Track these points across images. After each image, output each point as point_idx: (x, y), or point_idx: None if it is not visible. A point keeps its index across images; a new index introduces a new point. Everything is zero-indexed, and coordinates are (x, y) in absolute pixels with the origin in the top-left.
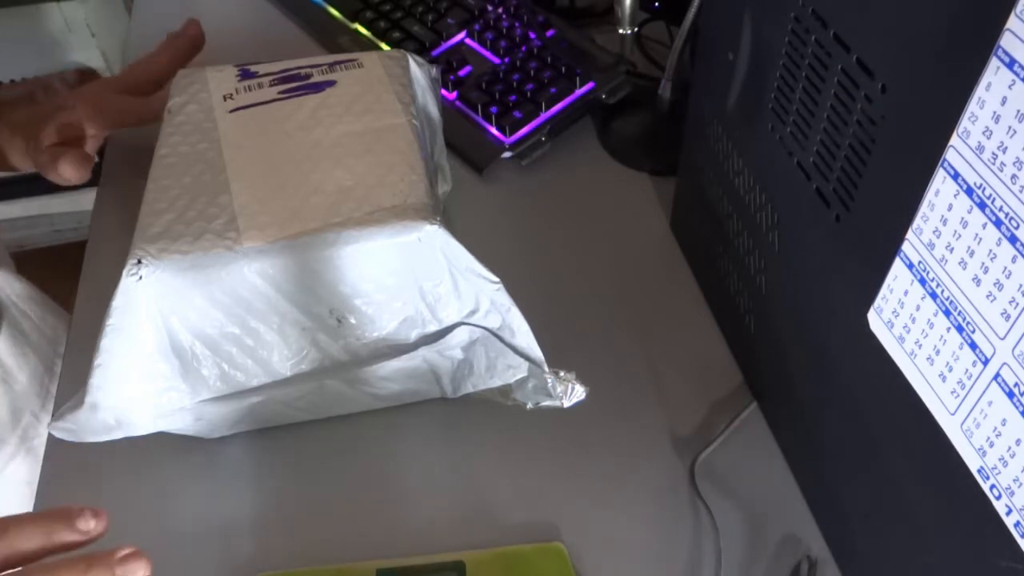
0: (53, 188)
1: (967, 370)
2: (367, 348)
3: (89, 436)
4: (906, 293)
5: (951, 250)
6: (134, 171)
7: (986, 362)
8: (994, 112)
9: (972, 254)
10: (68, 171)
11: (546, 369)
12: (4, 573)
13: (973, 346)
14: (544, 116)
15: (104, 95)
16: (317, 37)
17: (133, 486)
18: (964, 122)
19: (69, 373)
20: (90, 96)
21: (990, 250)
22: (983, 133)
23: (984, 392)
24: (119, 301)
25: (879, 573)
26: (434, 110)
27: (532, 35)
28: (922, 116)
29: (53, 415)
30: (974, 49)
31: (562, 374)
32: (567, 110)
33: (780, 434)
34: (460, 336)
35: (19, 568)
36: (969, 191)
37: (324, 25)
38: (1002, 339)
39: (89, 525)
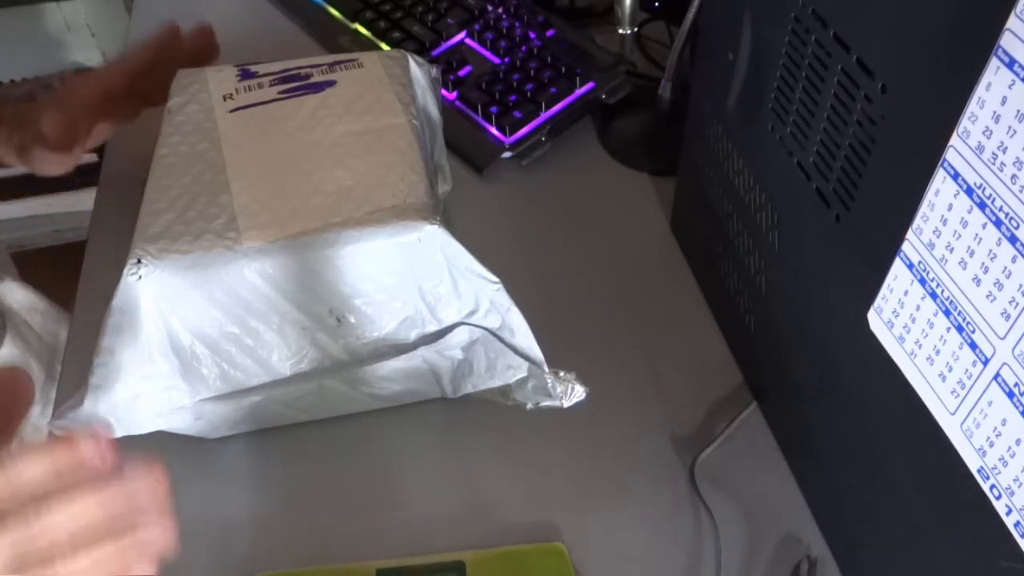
0: (53, 188)
1: (967, 370)
2: (367, 348)
3: None
4: (906, 293)
5: (951, 250)
6: (134, 171)
7: (986, 362)
8: (994, 112)
9: (972, 254)
10: (49, 124)
11: (546, 369)
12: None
13: (973, 346)
14: (544, 116)
15: (90, 91)
16: (317, 37)
17: None
18: (964, 122)
19: (69, 373)
20: (74, 90)
21: (990, 250)
22: (983, 133)
23: (984, 392)
24: (119, 301)
25: (879, 573)
26: (434, 110)
27: (532, 35)
28: (922, 116)
29: (53, 414)
30: (974, 49)
31: (562, 374)
32: (567, 110)
33: (780, 434)
34: (460, 336)
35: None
36: (969, 191)
37: (324, 25)
38: (1002, 339)
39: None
